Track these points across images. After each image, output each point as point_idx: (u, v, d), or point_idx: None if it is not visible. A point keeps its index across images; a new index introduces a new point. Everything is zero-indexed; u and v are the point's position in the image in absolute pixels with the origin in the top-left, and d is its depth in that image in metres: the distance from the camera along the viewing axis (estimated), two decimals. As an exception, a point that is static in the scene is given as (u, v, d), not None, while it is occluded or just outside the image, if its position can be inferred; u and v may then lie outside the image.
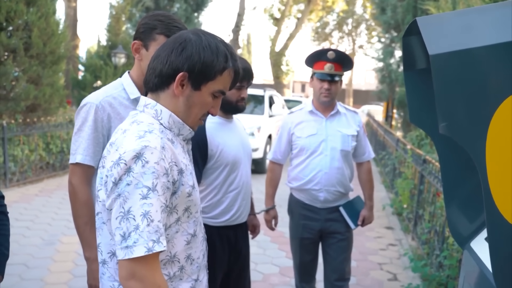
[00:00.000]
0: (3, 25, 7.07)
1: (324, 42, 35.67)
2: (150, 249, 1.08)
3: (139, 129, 1.18)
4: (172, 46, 1.25)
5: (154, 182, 1.11)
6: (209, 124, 2.24)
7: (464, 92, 1.16)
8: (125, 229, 1.09)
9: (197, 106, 1.27)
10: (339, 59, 2.66)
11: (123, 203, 1.10)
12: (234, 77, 1.32)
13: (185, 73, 1.22)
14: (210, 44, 1.24)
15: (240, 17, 20.25)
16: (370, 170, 2.91)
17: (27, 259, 4.20)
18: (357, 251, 4.74)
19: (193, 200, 1.28)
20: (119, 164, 1.12)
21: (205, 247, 1.42)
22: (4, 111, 7.29)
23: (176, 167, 1.20)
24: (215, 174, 2.24)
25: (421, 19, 1.30)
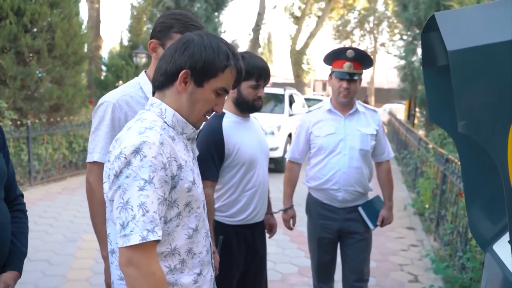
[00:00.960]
0: (27, 27, 7.23)
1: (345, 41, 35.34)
2: (144, 237, 1.15)
3: (141, 126, 1.26)
4: (176, 46, 1.33)
5: (151, 175, 1.18)
6: (226, 123, 2.24)
7: (484, 89, 1.12)
8: (124, 219, 1.17)
9: (200, 103, 1.34)
10: (358, 58, 2.62)
11: (122, 194, 1.18)
12: (237, 75, 1.38)
13: (187, 70, 1.30)
14: (212, 43, 1.31)
15: (261, 16, 20.22)
16: (389, 170, 2.86)
17: (49, 256, 4.28)
18: (377, 251, 4.68)
19: (193, 195, 1.33)
20: (120, 158, 1.20)
21: (208, 243, 1.46)
22: (28, 111, 7.46)
23: (176, 162, 1.26)
24: (232, 173, 2.24)
25: (440, 14, 1.26)
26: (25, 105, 7.32)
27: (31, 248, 4.42)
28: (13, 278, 1.58)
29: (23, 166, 6.90)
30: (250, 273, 2.40)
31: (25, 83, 7.27)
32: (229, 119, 2.27)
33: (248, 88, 2.23)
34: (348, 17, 33.68)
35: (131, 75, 10.66)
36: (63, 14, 7.68)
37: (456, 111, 1.16)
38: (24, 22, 7.11)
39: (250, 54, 2.28)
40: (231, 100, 2.30)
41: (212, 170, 2.18)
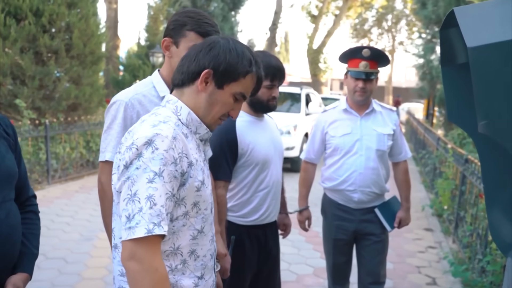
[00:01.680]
0: (46, 28, 7.33)
1: (363, 39, 35.04)
2: (150, 230, 1.12)
3: (155, 119, 1.25)
4: (201, 46, 1.34)
5: (161, 168, 1.16)
6: (240, 123, 2.22)
7: (505, 87, 1.06)
8: (130, 211, 1.14)
9: (218, 105, 1.33)
10: (374, 57, 2.57)
11: (131, 186, 1.16)
12: (257, 83, 1.38)
13: (210, 70, 1.29)
14: (237, 48, 1.32)
15: (277, 15, 20.15)
16: (406, 170, 2.80)
17: (66, 254, 4.32)
18: (394, 253, 4.60)
19: (202, 196, 1.31)
20: (131, 148, 1.18)
21: (213, 248, 1.43)
22: (47, 110, 7.57)
23: (187, 159, 1.25)
24: (245, 173, 2.22)
25: (459, 9, 1.21)
26: (43, 105, 7.43)
27: (48, 246, 4.50)
28: (23, 280, 1.55)
29: (41, 165, 6.99)
30: (263, 274, 2.37)
31: (43, 83, 7.37)
32: (243, 118, 2.25)
33: (262, 88, 2.20)
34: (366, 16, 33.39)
35: (148, 74, 10.68)
36: (81, 15, 7.77)
37: (476, 111, 1.11)
38: (43, 22, 7.22)
39: (264, 53, 2.24)
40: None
41: (225, 170, 2.16)
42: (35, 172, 6.85)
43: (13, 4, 7.09)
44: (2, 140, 1.57)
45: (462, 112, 1.56)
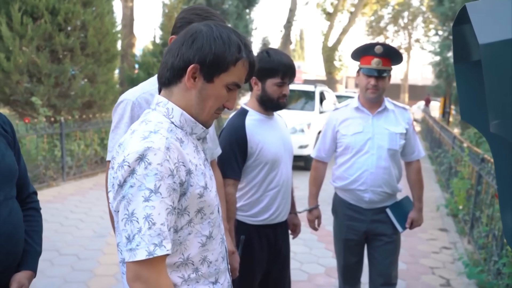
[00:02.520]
0: (62, 26, 7.40)
1: (378, 37, 34.72)
2: (151, 252, 1.07)
3: (145, 130, 1.17)
4: (183, 38, 1.22)
5: (156, 184, 1.10)
6: (249, 121, 2.20)
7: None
8: (129, 232, 1.09)
9: (211, 99, 1.24)
10: (387, 54, 2.52)
11: (127, 205, 1.10)
12: (250, 68, 1.27)
13: (196, 65, 1.20)
14: (222, 34, 1.21)
15: (292, 13, 20.05)
16: (419, 170, 2.74)
17: (79, 251, 4.36)
18: (407, 253, 4.54)
19: (206, 201, 1.24)
20: (123, 166, 1.12)
21: (224, 249, 1.38)
22: (62, 108, 7.65)
23: (184, 167, 1.17)
24: (255, 172, 2.20)
25: (471, 4, 1.17)
26: (59, 102, 7.51)
27: (61, 243, 4.54)
28: (28, 278, 1.56)
29: (57, 161, 7.08)
30: (273, 273, 2.36)
31: (59, 81, 7.46)
32: (253, 117, 2.23)
33: (273, 85, 2.18)
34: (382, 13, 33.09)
35: (162, 72, 10.77)
36: (96, 13, 7.84)
37: (488, 110, 1.07)
38: (59, 21, 7.30)
39: (275, 50, 2.22)
40: (255, 98, 2.25)
41: (235, 168, 2.15)
42: (50, 169, 6.93)
43: (30, 3, 7.18)
44: (1, 137, 1.56)
45: (476, 111, 1.52)
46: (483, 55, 1.05)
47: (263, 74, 2.17)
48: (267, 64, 2.15)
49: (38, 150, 6.79)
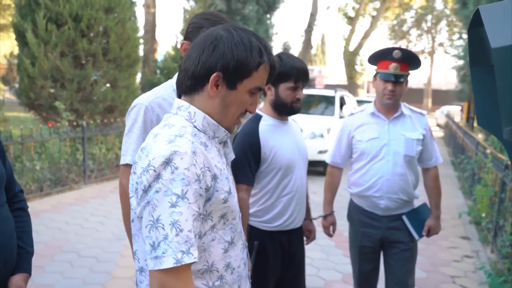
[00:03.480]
0: (84, 32, 7.56)
1: (401, 41, 34.32)
2: (179, 260, 1.03)
3: (170, 133, 1.14)
4: (203, 45, 1.19)
5: (183, 190, 1.06)
6: (263, 127, 2.19)
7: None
8: (154, 239, 1.05)
9: (234, 106, 1.22)
10: (405, 59, 2.48)
11: (152, 211, 1.06)
12: (270, 71, 1.25)
13: (219, 73, 1.17)
14: (243, 39, 1.18)
15: (313, 17, 20.02)
16: (437, 177, 2.69)
17: (98, 253, 4.41)
18: (427, 261, 4.45)
19: (229, 206, 1.21)
20: (148, 170, 1.08)
21: (246, 255, 1.35)
22: (84, 112, 7.80)
23: (209, 173, 1.15)
24: (268, 178, 2.19)
25: (485, 7, 1.14)
26: (81, 107, 7.66)
27: (81, 245, 4.62)
28: (24, 280, 1.56)
29: (78, 165, 7.20)
30: (287, 280, 2.33)
31: (81, 86, 7.62)
32: (266, 122, 2.22)
33: (286, 90, 2.17)
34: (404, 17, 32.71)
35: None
36: (117, 19, 7.98)
37: (501, 116, 1.04)
38: (82, 27, 7.46)
39: (287, 54, 2.21)
40: (268, 103, 2.24)
41: (248, 174, 2.14)
42: (72, 172, 7.06)
43: (54, 10, 7.36)
44: None
45: (492, 116, 1.47)
46: (495, 59, 1.02)
47: (276, 79, 2.15)
48: (280, 68, 2.12)
49: (60, 154, 6.93)
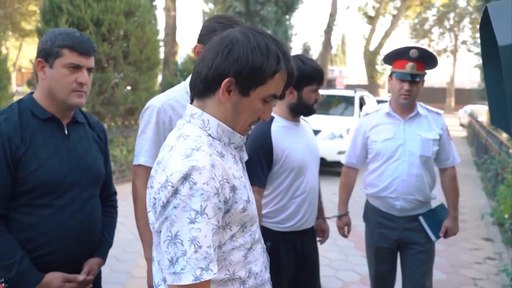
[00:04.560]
0: (105, 36, 7.70)
1: (422, 40, 33.83)
2: (197, 277, 1.02)
3: (186, 147, 1.11)
4: (218, 48, 1.15)
5: (202, 205, 1.04)
6: (275, 128, 2.20)
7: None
8: (172, 254, 1.04)
9: (246, 113, 1.18)
10: (422, 58, 2.45)
11: (170, 227, 1.05)
12: (288, 78, 1.19)
13: (231, 78, 1.12)
14: (260, 44, 1.12)
15: (332, 17, 19.91)
16: (454, 177, 2.65)
17: (118, 253, 4.49)
18: (448, 263, 4.38)
19: (249, 214, 1.19)
20: (166, 187, 1.06)
21: (266, 259, 1.33)
22: (106, 115, 7.94)
23: (228, 184, 1.13)
24: (281, 179, 2.19)
25: (492, 5, 1.13)
26: (102, 109, 7.80)
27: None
28: (98, 264, 1.78)
29: (100, 166, 7.33)
30: (301, 280, 2.33)
31: (102, 89, 7.75)
32: (279, 123, 2.22)
33: (309, 92, 2.18)
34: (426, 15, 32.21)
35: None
36: (137, 23, 8.10)
37: (509, 115, 1.03)
38: (102, 31, 7.60)
39: (306, 57, 2.21)
40: (285, 105, 2.24)
41: (260, 176, 2.14)
42: (94, 173, 7.20)
43: (76, 15, 7.52)
44: (95, 144, 1.80)
45: (505, 114, 1.46)
46: (502, 57, 1.02)
47: (301, 82, 2.13)
48: (304, 72, 2.12)
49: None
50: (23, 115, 1.61)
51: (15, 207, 1.60)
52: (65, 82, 1.60)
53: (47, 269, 1.62)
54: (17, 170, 1.56)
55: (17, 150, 1.55)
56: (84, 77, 1.63)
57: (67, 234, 1.64)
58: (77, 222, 1.66)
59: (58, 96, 1.62)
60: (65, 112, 1.68)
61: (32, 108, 1.64)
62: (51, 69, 1.61)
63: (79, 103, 1.65)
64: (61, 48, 1.60)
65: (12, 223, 1.60)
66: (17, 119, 1.59)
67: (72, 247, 1.67)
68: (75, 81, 1.61)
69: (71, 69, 1.60)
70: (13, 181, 1.57)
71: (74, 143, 1.70)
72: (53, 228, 1.61)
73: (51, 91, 1.63)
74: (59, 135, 1.67)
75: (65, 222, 1.63)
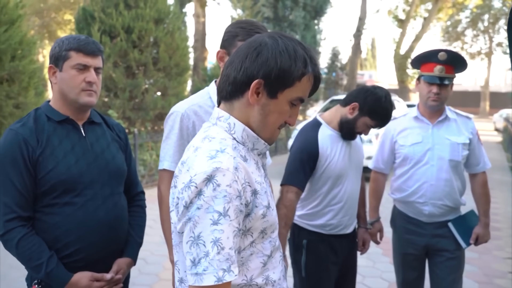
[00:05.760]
0: (136, 43, 7.88)
1: (455, 42, 33.03)
2: (220, 278, 1.03)
3: (211, 148, 1.12)
4: (246, 51, 1.17)
5: (225, 207, 1.05)
6: (322, 136, 2.23)
7: None
8: (195, 255, 1.05)
9: (274, 115, 1.18)
10: (451, 61, 2.39)
11: (193, 228, 1.06)
12: (315, 83, 1.21)
13: (260, 80, 1.14)
14: (288, 47, 1.14)
15: (362, 21, 19.75)
16: (485, 183, 2.57)
17: (146, 255, 4.57)
18: (481, 272, 4.24)
19: (268, 221, 1.20)
20: (190, 187, 1.07)
21: (283, 267, 1.32)
22: (136, 120, 8.10)
23: (250, 188, 1.13)
24: (319, 185, 2.24)
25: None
26: (133, 115, 7.97)
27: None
28: (127, 264, 1.79)
29: (130, 171, 7.48)
30: (336, 285, 2.33)
31: (133, 94, 7.92)
32: (325, 131, 2.25)
33: (364, 124, 2.20)
34: (459, 17, 31.44)
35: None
36: (167, 30, 8.25)
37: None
38: (133, 38, 7.78)
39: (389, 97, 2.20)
40: (340, 117, 2.25)
41: (301, 178, 2.17)
42: (124, 177, 7.35)
43: (108, 23, 7.73)
44: (115, 142, 1.84)
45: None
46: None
47: (368, 111, 2.17)
48: (378, 107, 2.16)
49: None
50: (39, 120, 1.68)
51: (39, 208, 1.65)
52: (75, 82, 1.66)
53: (77, 269, 1.65)
54: (36, 171, 1.62)
55: (34, 152, 1.61)
56: (92, 76, 1.68)
57: (91, 230, 1.66)
58: (100, 218, 1.68)
59: (69, 97, 1.68)
60: (79, 113, 1.73)
61: (47, 113, 1.70)
62: (61, 72, 1.68)
63: (90, 101, 1.70)
64: (68, 51, 1.66)
65: (39, 224, 1.64)
66: (32, 124, 1.66)
67: (98, 244, 1.68)
68: (84, 80, 1.67)
69: (79, 70, 1.66)
70: (34, 183, 1.62)
71: (91, 142, 1.74)
72: (76, 225, 1.64)
73: (63, 93, 1.69)
74: (75, 135, 1.71)
75: (87, 219, 1.65)
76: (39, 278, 1.63)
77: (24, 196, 1.61)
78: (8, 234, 1.60)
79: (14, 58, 5.89)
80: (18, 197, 1.60)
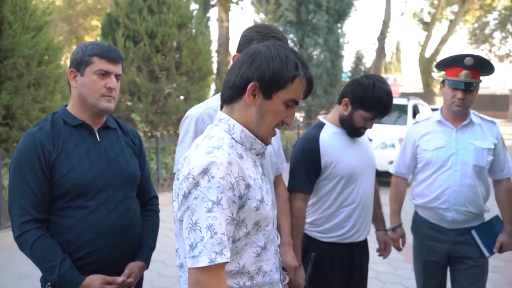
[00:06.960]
0: (159, 48, 7.98)
1: (483, 45, 32.28)
2: (212, 260, 1.14)
3: (209, 145, 1.25)
4: (243, 58, 1.31)
5: (218, 197, 1.17)
6: (325, 134, 2.18)
7: None
8: (192, 240, 1.16)
9: (270, 115, 1.30)
10: (477, 66, 2.33)
11: (191, 215, 1.18)
12: (308, 85, 1.32)
13: (255, 82, 1.27)
14: (279, 53, 1.27)
15: (386, 24, 19.52)
16: (510, 189, 2.49)
17: (166, 258, 4.60)
18: (506, 281, 4.11)
19: (262, 214, 1.29)
20: (188, 178, 1.20)
21: (278, 261, 1.42)
22: (158, 124, 8.19)
23: (243, 182, 1.24)
24: (329, 186, 2.16)
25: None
26: (155, 118, 8.06)
27: (151, 250, 4.81)
28: (139, 268, 1.80)
29: (152, 174, 7.55)
30: None
31: (155, 98, 8.02)
32: (329, 130, 2.20)
33: (360, 117, 2.13)
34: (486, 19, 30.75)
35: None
36: (189, 34, 8.33)
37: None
38: (156, 43, 7.88)
39: (381, 80, 2.12)
40: (338, 114, 2.22)
41: (305, 181, 2.12)
42: (147, 180, 7.43)
43: (131, 28, 7.86)
44: (128, 147, 1.87)
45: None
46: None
47: (358, 103, 2.11)
48: (367, 97, 2.08)
49: (136, 163, 7.33)
50: (56, 124, 1.72)
51: (53, 211, 1.68)
52: (95, 88, 1.69)
53: (90, 271, 1.67)
54: (52, 175, 1.65)
55: (50, 156, 1.65)
56: (113, 82, 1.72)
57: (103, 234, 1.69)
58: (112, 222, 1.71)
59: (88, 102, 1.71)
60: (96, 118, 1.76)
61: (64, 117, 1.74)
62: (82, 77, 1.71)
63: (109, 107, 1.73)
64: (91, 56, 1.70)
65: (52, 227, 1.68)
66: (49, 128, 1.70)
67: (110, 248, 1.71)
68: (104, 86, 1.70)
69: (101, 76, 1.70)
70: (49, 186, 1.66)
71: (105, 147, 1.77)
72: (89, 228, 1.67)
73: (82, 97, 1.72)
74: (90, 140, 1.75)
75: (100, 222, 1.68)
76: (53, 280, 1.65)
77: (40, 199, 1.65)
78: (23, 236, 1.63)
79: (41, 63, 6.04)
80: (34, 200, 1.64)
